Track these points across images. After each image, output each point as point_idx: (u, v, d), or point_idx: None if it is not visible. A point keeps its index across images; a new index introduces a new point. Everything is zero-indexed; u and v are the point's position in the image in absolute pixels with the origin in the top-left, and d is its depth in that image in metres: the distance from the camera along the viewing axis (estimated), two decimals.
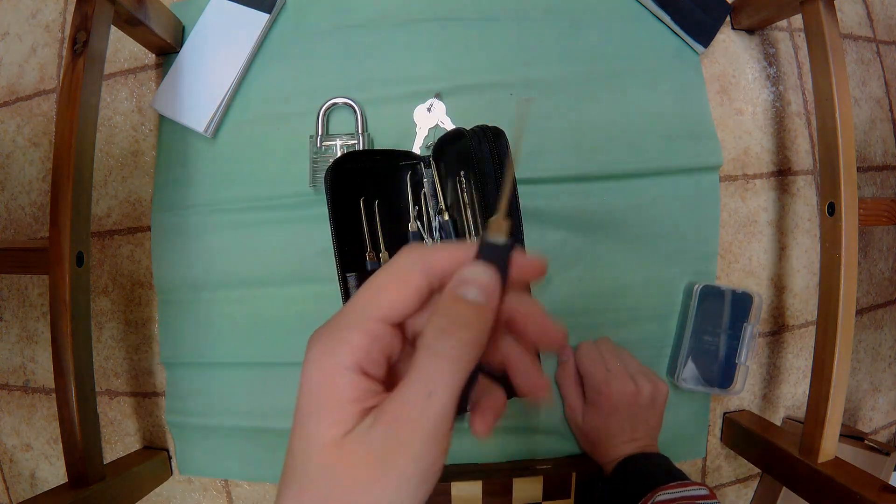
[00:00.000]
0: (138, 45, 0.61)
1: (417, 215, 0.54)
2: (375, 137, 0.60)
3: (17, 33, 0.68)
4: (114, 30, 0.52)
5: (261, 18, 0.60)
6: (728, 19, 0.63)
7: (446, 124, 0.59)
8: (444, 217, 0.53)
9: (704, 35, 0.61)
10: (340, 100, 0.59)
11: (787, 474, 0.53)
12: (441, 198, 0.54)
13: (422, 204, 0.55)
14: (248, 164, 0.61)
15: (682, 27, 0.61)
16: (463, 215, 0.51)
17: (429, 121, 0.60)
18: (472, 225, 0.51)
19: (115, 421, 0.65)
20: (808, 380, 0.53)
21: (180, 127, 0.61)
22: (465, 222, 0.51)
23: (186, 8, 0.63)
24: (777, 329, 0.64)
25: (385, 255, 0.53)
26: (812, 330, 0.64)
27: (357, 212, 0.52)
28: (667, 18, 0.61)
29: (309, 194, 0.59)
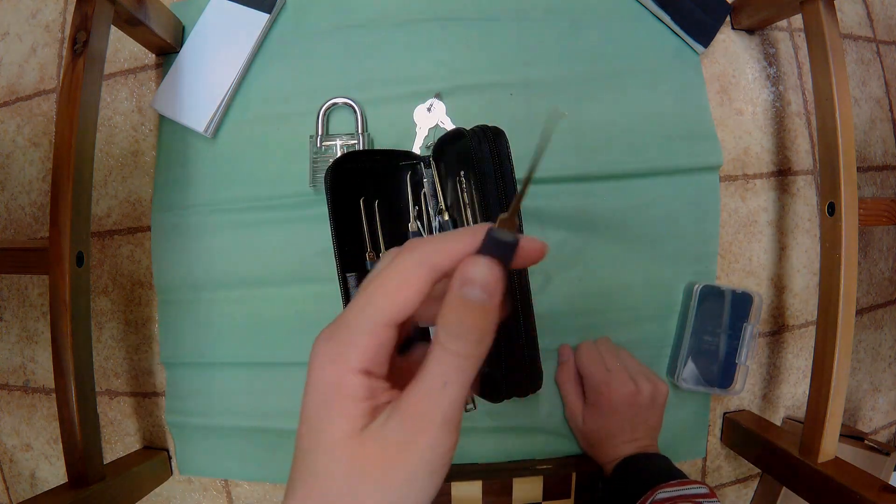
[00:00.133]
0: (138, 45, 0.61)
1: (417, 215, 0.54)
2: (375, 137, 0.60)
3: (17, 33, 0.68)
4: (114, 30, 0.52)
5: (261, 18, 0.60)
6: (728, 19, 0.63)
7: (446, 124, 0.59)
8: (444, 217, 0.53)
9: (704, 35, 0.61)
10: (340, 100, 0.59)
11: (787, 474, 0.53)
12: (441, 198, 0.54)
13: (422, 204, 0.55)
14: (248, 164, 0.61)
15: (682, 27, 0.61)
16: (463, 215, 0.51)
17: (429, 121, 0.60)
18: (471, 225, 0.51)
19: (115, 421, 0.65)
20: (808, 380, 0.53)
21: (180, 127, 0.61)
22: (465, 222, 0.51)
23: (186, 8, 0.63)
24: (777, 329, 0.64)
25: None
26: (812, 330, 0.64)
27: (357, 212, 0.52)
28: (667, 18, 0.61)
29: (309, 194, 0.59)
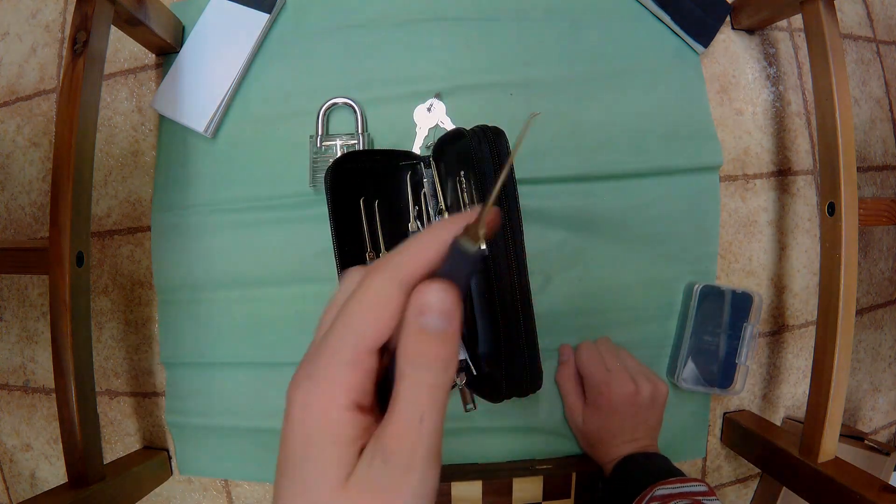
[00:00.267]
0: (138, 45, 0.61)
1: (417, 215, 0.54)
2: (375, 137, 0.60)
3: (17, 33, 0.68)
4: (114, 30, 0.52)
5: (261, 18, 0.60)
6: (728, 19, 0.63)
7: (446, 124, 0.59)
8: (444, 217, 0.53)
9: (704, 35, 0.61)
10: (340, 100, 0.59)
11: (787, 474, 0.53)
12: (441, 198, 0.54)
13: (422, 204, 0.55)
14: (248, 164, 0.61)
15: (682, 27, 0.61)
16: None
17: (429, 121, 0.60)
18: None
19: (115, 421, 0.65)
20: (808, 380, 0.53)
21: (180, 127, 0.61)
22: None
23: (186, 8, 0.63)
24: (777, 329, 0.64)
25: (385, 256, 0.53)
26: (812, 330, 0.64)
27: (357, 212, 0.52)
28: (667, 18, 0.61)
29: (309, 194, 0.59)
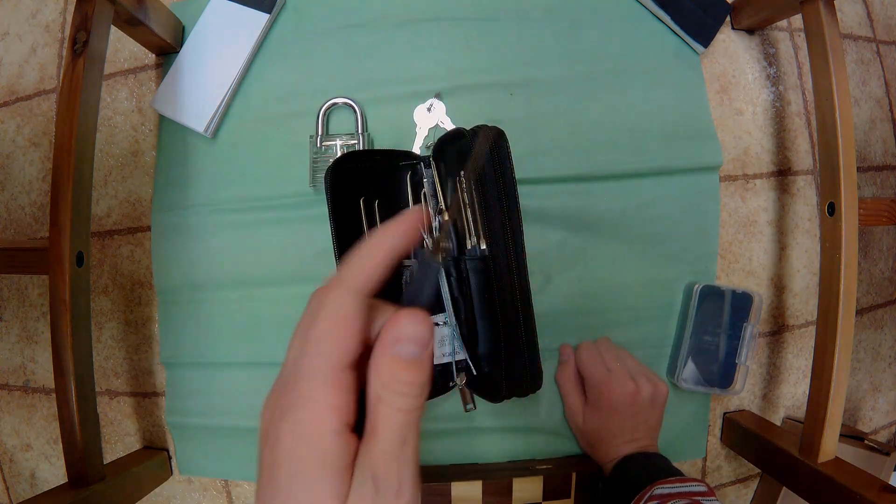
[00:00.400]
0: (138, 45, 0.61)
1: None
2: (375, 137, 0.60)
3: (17, 33, 0.68)
4: (114, 30, 0.52)
5: (261, 18, 0.60)
6: (728, 19, 0.63)
7: (446, 124, 0.59)
8: (444, 217, 0.53)
9: (704, 35, 0.61)
10: (340, 100, 0.59)
11: (787, 474, 0.53)
12: (441, 198, 0.54)
13: (422, 204, 0.55)
14: (248, 164, 0.61)
15: (682, 27, 0.61)
16: (463, 215, 0.51)
17: (429, 121, 0.60)
18: (472, 225, 0.51)
19: (115, 421, 0.65)
20: (808, 380, 0.53)
21: (180, 127, 0.61)
22: (465, 222, 0.51)
23: (186, 8, 0.63)
24: (777, 329, 0.64)
25: None
26: (812, 330, 0.63)
27: (357, 212, 0.52)
28: (667, 18, 0.61)
29: (309, 194, 0.59)
